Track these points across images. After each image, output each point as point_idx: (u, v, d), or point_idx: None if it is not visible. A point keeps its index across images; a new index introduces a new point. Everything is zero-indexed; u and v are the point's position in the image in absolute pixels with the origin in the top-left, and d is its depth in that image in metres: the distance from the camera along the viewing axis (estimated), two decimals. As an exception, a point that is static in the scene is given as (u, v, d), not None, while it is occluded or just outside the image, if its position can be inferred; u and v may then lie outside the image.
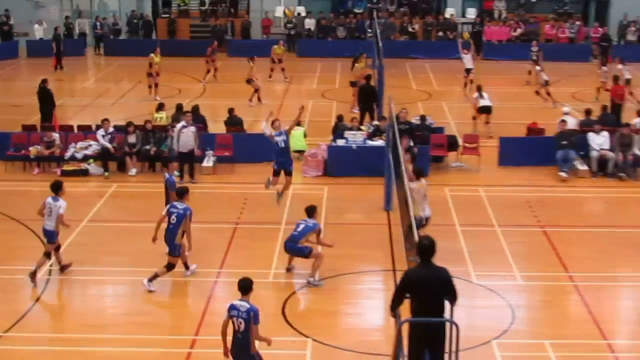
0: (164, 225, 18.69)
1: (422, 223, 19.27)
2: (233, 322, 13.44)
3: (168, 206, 19.00)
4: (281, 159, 23.15)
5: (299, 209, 23.48)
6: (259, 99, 36.28)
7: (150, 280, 18.44)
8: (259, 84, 36.68)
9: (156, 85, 37.05)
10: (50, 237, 19.02)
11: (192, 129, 25.80)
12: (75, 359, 15.81)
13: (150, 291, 18.32)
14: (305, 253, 18.90)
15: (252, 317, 13.27)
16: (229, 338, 13.46)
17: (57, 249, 19.34)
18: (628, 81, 36.28)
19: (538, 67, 37.71)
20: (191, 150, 25.75)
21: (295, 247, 18.91)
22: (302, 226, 18.97)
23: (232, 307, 13.48)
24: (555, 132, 27.97)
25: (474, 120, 31.71)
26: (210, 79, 40.98)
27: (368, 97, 31.91)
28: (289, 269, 19.44)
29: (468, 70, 38.27)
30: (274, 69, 41.60)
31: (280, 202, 23.11)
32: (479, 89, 32.23)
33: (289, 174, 23.37)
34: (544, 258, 20.47)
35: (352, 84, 35.66)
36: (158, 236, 18.75)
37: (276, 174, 23.21)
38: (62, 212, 18.78)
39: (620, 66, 36.48)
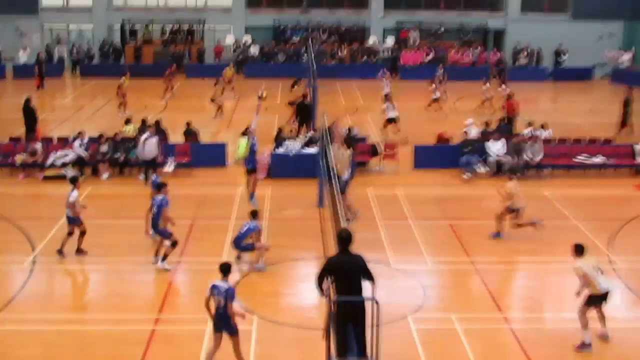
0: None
1: (345, 185, 20.66)
2: (214, 299, 13.77)
3: (151, 200, 19.16)
4: (253, 159, 23.58)
5: (246, 207, 23.53)
6: (220, 112, 36.17)
7: (163, 259, 18.67)
8: (221, 101, 36.60)
9: (125, 104, 36.73)
10: (71, 221, 19.58)
11: (155, 139, 25.76)
12: (57, 338, 15.64)
13: (166, 270, 18.61)
14: (250, 249, 19.01)
15: (229, 295, 13.70)
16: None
17: (70, 233, 19.68)
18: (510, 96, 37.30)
19: (432, 86, 38.09)
20: (154, 157, 25.68)
21: (240, 246, 19.01)
22: (245, 227, 19.00)
23: (213, 287, 13.87)
24: (460, 141, 28.29)
25: (384, 129, 32.02)
26: (169, 97, 40.65)
27: (304, 113, 31.96)
28: (238, 257, 19.44)
29: (386, 96, 38.51)
30: (225, 88, 41.45)
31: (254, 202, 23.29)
32: (389, 100, 33.06)
33: (255, 172, 23.88)
34: (450, 246, 20.64)
35: (291, 103, 35.67)
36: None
37: (249, 172, 23.62)
38: (72, 200, 19.35)
39: (503, 86, 37.31)
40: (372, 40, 52.32)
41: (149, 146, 25.58)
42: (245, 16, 53.26)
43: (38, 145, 27.31)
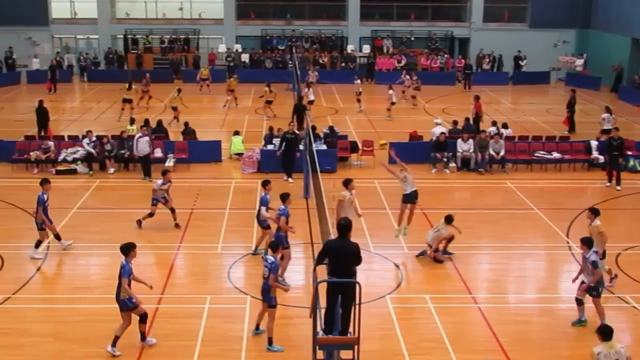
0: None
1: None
2: (263, 270, 14.22)
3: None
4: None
5: (239, 197, 23.52)
6: (177, 119, 34.35)
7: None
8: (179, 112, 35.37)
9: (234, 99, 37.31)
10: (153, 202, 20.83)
11: (147, 138, 25.66)
12: (67, 314, 15.57)
13: None
14: (264, 226, 18.43)
15: (273, 267, 14.07)
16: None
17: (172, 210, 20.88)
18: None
19: (391, 91, 36.93)
20: (146, 155, 25.54)
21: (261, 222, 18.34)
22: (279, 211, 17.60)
23: (265, 259, 14.42)
24: (431, 139, 28.24)
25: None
26: (143, 104, 39.40)
27: (300, 112, 31.50)
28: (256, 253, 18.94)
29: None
30: (202, 85, 43.57)
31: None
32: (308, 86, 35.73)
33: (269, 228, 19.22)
34: (424, 232, 20.39)
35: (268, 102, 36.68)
36: None
37: (264, 229, 18.96)
38: (155, 187, 20.85)
39: (390, 92, 36.84)
40: (350, 48, 52.29)
41: (141, 144, 25.50)
42: (236, 27, 53.10)
43: (50, 143, 27.16)
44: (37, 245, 18.71)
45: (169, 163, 26.88)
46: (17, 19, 50.74)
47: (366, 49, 52.40)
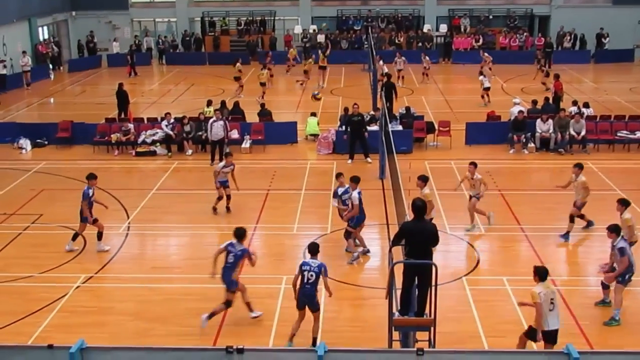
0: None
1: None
2: (304, 276, 13.51)
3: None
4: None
5: (315, 179, 23.60)
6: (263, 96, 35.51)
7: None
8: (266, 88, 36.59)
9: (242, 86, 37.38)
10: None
11: (221, 122, 25.66)
12: (147, 293, 15.90)
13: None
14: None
15: (322, 271, 13.53)
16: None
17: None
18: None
19: (481, 77, 34.98)
20: (221, 139, 25.60)
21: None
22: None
23: (304, 264, 13.67)
24: (509, 119, 27.83)
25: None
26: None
27: (389, 91, 30.96)
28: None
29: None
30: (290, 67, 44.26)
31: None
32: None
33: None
34: (501, 214, 20.24)
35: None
36: None
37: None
38: (216, 169, 20.54)
39: (481, 77, 34.87)
40: (426, 27, 51.81)
41: (216, 128, 25.41)
42: (311, 7, 53.18)
43: (130, 125, 27.71)
44: (99, 237, 18.29)
45: (246, 145, 27.17)
46: (97, 4, 52.04)
47: (443, 28, 51.85)
